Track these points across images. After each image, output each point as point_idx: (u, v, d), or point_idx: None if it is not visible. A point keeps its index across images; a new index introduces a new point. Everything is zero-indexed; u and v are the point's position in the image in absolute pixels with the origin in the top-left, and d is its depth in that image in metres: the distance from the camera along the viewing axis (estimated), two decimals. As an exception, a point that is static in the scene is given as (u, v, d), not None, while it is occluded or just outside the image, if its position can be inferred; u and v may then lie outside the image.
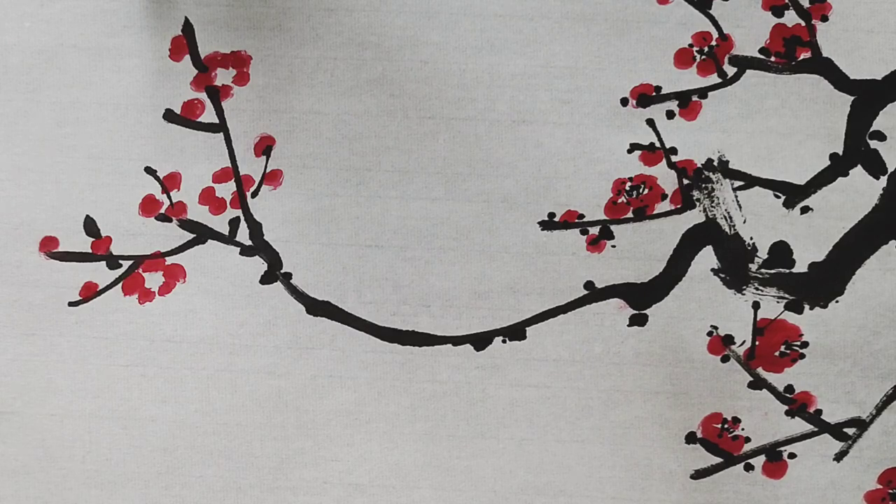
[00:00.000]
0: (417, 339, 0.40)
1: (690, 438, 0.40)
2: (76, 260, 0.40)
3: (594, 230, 0.40)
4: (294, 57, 0.40)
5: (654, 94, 0.40)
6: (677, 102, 0.40)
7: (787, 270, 0.40)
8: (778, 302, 0.40)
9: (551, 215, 0.40)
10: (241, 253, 0.40)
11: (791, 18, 0.39)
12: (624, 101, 0.40)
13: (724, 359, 0.40)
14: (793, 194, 0.40)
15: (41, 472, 0.40)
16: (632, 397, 0.40)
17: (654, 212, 0.40)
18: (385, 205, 0.40)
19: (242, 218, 0.40)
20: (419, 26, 0.39)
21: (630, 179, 0.40)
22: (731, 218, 0.40)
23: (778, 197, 0.40)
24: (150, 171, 0.40)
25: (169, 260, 0.40)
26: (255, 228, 0.40)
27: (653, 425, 0.40)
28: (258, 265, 0.40)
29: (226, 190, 0.40)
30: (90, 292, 0.40)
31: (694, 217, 0.40)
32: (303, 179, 0.40)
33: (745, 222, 0.40)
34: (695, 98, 0.39)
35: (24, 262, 0.40)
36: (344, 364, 0.40)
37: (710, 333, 0.40)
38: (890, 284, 0.39)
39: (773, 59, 0.39)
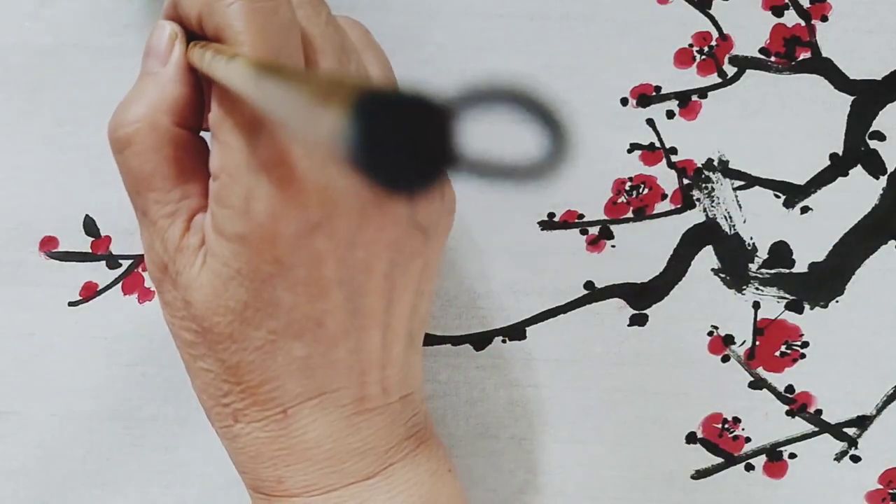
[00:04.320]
0: (417, 338, 0.40)
1: (690, 438, 0.40)
2: (76, 260, 0.40)
3: (594, 230, 0.40)
4: (294, 57, 0.40)
5: (654, 94, 0.40)
6: (677, 102, 0.40)
7: (787, 270, 0.40)
8: (778, 302, 0.40)
9: (551, 215, 0.40)
10: (241, 253, 0.40)
11: (791, 18, 0.39)
12: (624, 101, 0.40)
13: (724, 359, 0.40)
14: (793, 194, 0.40)
15: (41, 472, 0.40)
16: (632, 397, 0.40)
17: (654, 212, 0.40)
18: (385, 205, 0.40)
19: (242, 218, 0.40)
20: (419, 26, 0.39)
21: (630, 179, 0.40)
22: (731, 218, 0.40)
23: (778, 197, 0.40)
24: (150, 170, 0.40)
25: (169, 260, 0.40)
26: (256, 228, 0.40)
27: (653, 425, 0.40)
28: (258, 265, 0.40)
29: (226, 190, 0.40)
30: (90, 292, 0.40)
31: (694, 217, 0.40)
32: (303, 179, 0.40)
33: (745, 222, 0.40)
34: (695, 98, 0.39)
35: (24, 262, 0.40)
36: (344, 364, 0.40)
37: (710, 333, 0.40)
38: (890, 284, 0.39)
39: (773, 59, 0.39)
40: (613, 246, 0.40)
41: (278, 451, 0.30)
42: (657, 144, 0.40)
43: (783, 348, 0.40)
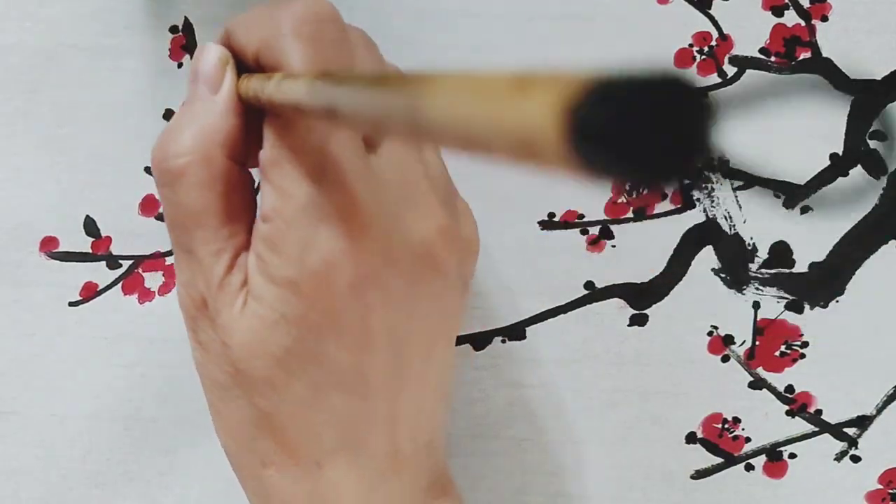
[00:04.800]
0: (417, 339, 0.40)
1: (690, 438, 0.40)
2: (76, 260, 0.40)
3: (594, 230, 0.40)
4: (294, 57, 0.40)
5: (654, 93, 0.39)
6: (677, 102, 0.39)
7: (788, 270, 0.40)
8: (778, 302, 0.40)
9: (551, 215, 0.40)
10: (240, 253, 0.40)
11: (791, 18, 0.39)
12: (624, 101, 0.39)
13: (724, 359, 0.40)
14: (793, 194, 0.39)
15: (41, 472, 0.40)
16: (632, 397, 0.40)
17: (654, 212, 0.40)
18: (385, 205, 0.40)
19: (242, 218, 0.40)
20: (419, 26, 0.39)
21: (630, 179, 0.40)
22: (731, 218, 0.40)
23: (778, 197, 0.40)
24: (150, 171, 0.40)
25: (169, 260, 0.40)
26: (255, 228, 0.40)
27: (653, 425, 0.40)
28: (258, 265, 0.40)
29: (226, 190, 0.40)
30: (90, 292, 0.40)
31: (694, 217, 0.40)
32: (303, 179, 0.40)
33: (745, 222, 0.40)
34: (695, 98, 0.39)
35: (24, 262, 0.40)
36: (344, 364, 0.40)
37: (710, 333, 0.40)
38: (890, 284, 0.39)
39: (773, 59, 0.39)
40: (613, 246, 0.40)
41: (307, 503, 0.29)
42: (657, 144, 0.39)
43: (783, 348, 0.40)
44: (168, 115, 0.40)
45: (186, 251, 0.28)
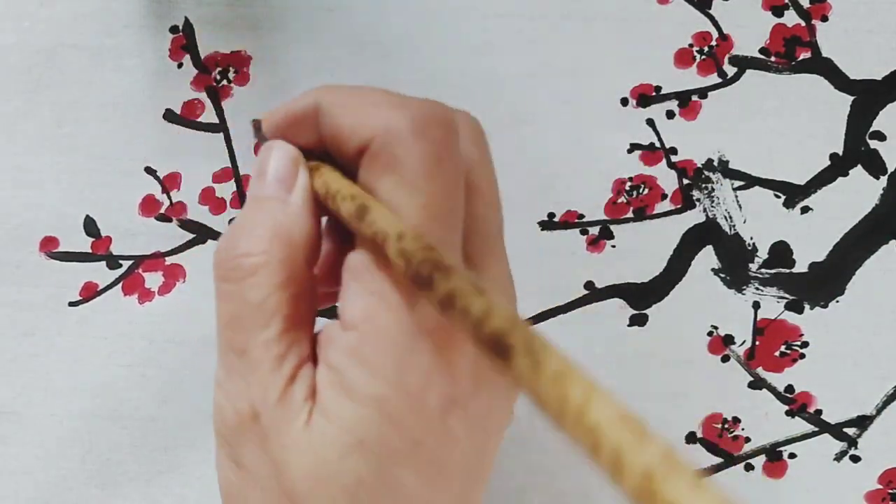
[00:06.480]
0: (417, 339, 0.40)
1: (690, 438, 0.40)
2: (76, 260, 0.40)
3: (594, 230, 0.40)
4: (294, 57, 0.40)
5: (654, 94, 0.40)
6: (677, 102, 0.40)
7: (787, 270, 0.40)
8: (778, 302, 0.40)
9: (551, 215, 0.40)
10: (241, 253, 0.40)
11: (791, 18, 0.39)
12: (624, 101, 0.40)
13: (724, 359, 0.40)
14: (793, 194, 0.40)
15: (41, 472, 0.40)
16: (632, 397, 0.40)
17: (654, 212, 0.40)
18: (385, 205, 0.40)
19: (242, 218, 0.40)
20: (419, 26, 0.39)
21: (630, 179, 0.40)
22: (731, 218, 0.40)
23: (778, 197, 0.40)
24: (150, 171, 0.40)
25: (169, 260, 0.40)
26: (255, 228, 0.40)
27: (653, 425, 0.40)
28: (258, 265, 0.40)
29: (226, 190, 0.40)
30: (90, 292, 0.40)
31: (694, 217, 0.40)
32: (303, 179, 0.40)
33: (745, 222, 0.40)
34: (695, 98, 0.39)
35: (24, 262, 0.40)
36: (344, 364, 0.39)
37: (710, 333, 0.40)
38: (890, 284, 0.39)
39: (773, 59, 0.39)
40: (613, 246, 0.40)
41: None
42: (657, 144, 0.40)
43: (783, 348, 0.40)
44: (168, 114, 0.40)
45: (240, 354, 0.25)
